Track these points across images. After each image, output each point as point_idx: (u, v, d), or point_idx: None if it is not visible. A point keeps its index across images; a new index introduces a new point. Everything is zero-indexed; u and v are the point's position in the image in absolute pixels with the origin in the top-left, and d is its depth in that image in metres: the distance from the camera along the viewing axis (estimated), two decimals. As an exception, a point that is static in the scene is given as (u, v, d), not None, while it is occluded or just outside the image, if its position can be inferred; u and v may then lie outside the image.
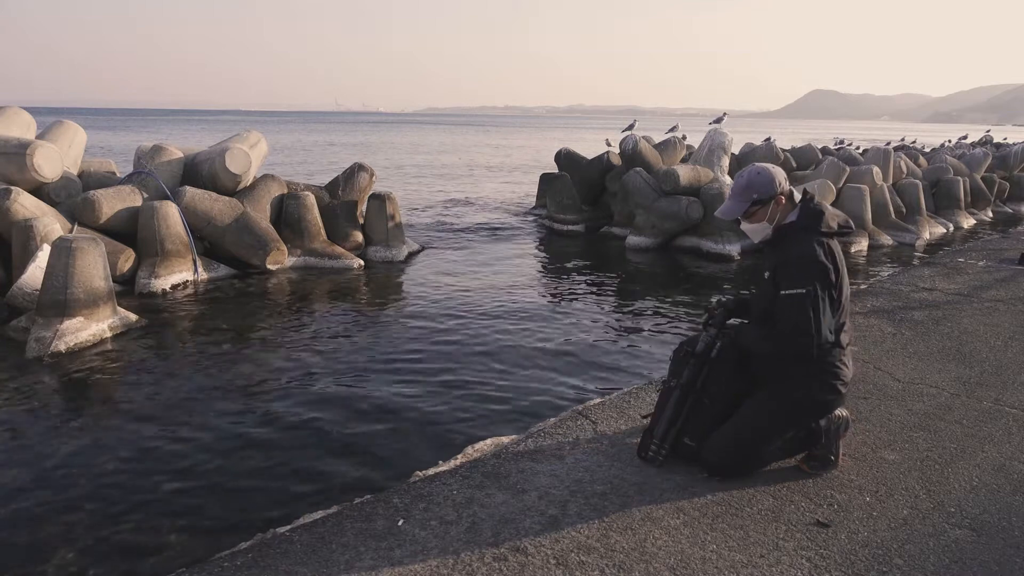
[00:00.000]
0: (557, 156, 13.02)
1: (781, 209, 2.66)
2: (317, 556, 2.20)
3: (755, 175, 2.67)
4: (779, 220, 2.67)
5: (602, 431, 3.09)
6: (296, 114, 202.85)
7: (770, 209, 2.66)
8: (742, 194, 2.68)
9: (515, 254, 9.50)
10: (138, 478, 3.40)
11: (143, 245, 6.83)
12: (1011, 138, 23.89)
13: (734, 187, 2.73)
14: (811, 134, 56.46)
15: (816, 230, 2.57)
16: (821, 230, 2.57)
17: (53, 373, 4.69)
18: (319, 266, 7.87)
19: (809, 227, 2.59)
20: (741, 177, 2.70)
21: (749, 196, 2.66)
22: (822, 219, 2.59)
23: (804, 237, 2.57)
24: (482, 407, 4.32)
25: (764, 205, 2.65)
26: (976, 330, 4.77)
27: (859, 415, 3.26)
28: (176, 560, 2.75)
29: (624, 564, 2.17)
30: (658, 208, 9.69)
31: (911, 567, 2.20)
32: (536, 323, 6.17)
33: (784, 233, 2.65)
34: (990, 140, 23.07)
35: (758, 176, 2.66)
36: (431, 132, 65.27)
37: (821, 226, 2.58)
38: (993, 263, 7.35)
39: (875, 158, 11.96)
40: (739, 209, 2.69)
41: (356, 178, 9.18)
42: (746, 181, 2.67)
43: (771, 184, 2.64)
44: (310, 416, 4.13)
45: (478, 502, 2.50)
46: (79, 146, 7.99)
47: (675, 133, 12.76)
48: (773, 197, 2.64)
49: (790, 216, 2.66)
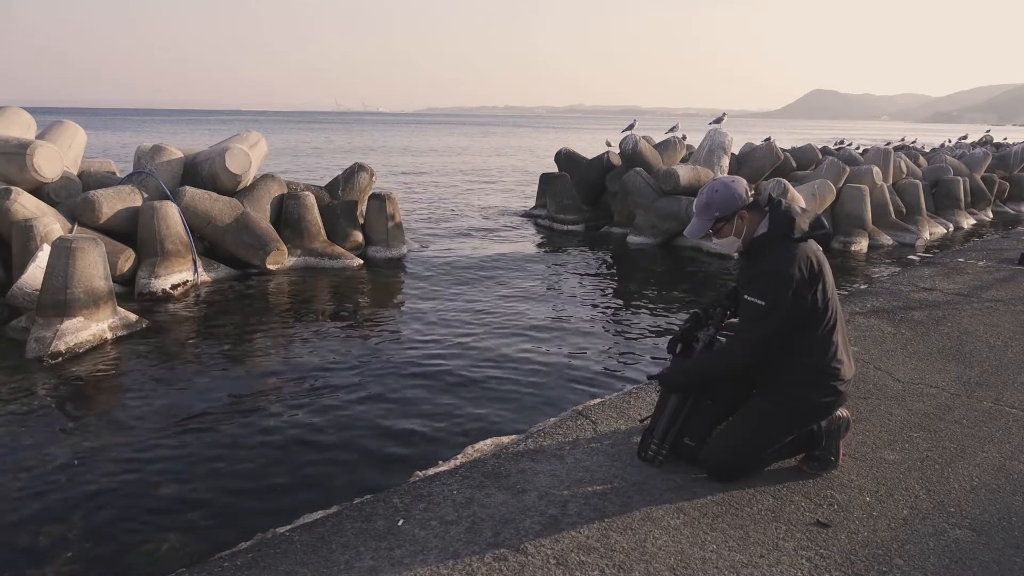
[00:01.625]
0: (557, 156, 13.02)
1: (748, 222, 2.63)
2: (317, 556, 2.20)
3: (713, 193, 2.64)
4: (749, 233, 2.64)
5: (602, 431, 3.09)
6: (296, 114, 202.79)
7: (735, 224, 2.63)
8: (704, 212, 2.66)
9: (515, 254, 9.50)
10: (138, 478, 3.40)
11: (143, 245, 6.83)
12: (1011, 138, 23.89)
13: (696, 205, 2.72)
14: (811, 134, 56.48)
15: (789, 238, 2.54)
16: (794, 237, 2.54)
17: (53, 373, 4.69)
18: (319, 266, 7.87)
19: (782, 235, 2.55)
20: (701, 195, 2.68)
21: (711, 214, 2.64)
22: (793, 225, 2.55)
23: (778, 247, 2.54)
24: (482, 407, 4.32)
25: (728, 221, 2.64)
26: (976, 330, 4.77)
27: (859, 415, 3.26)
28: (176, 560, 2.75)
29: (624, 564, 2.17)
30: (658, 208, 9.70)
31: (911, 567, 2.20)
32: (536, 323, 6.17)
33: (757, 246, 2.61)
34: (990, 140, 23.08)
35: (716, 194, 2.64)
36: (431, 132, 65.27)
37: (793, 233, 2.54)
38: (993, 263, 7.35)
39: (875, 158, 11.96)
40: (703, 227, 2.68)
41: (356, 178, 9.18)
42: (706, 199, 2.66)
43: (731, 200, 2.61)
44: (310, 416, 4.13)
45: (478, 502, 2.50)
46: (79, 146, 7.99)
47: (675, 133, 12.77)
48: (735, 212, 2.61)
49: (761, 227, 2.62)
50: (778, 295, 2.47)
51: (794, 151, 13.45)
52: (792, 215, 2.57)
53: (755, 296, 2.51)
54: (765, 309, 2.48)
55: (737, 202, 2.61)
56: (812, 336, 2.57)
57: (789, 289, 2.47)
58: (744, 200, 2.62)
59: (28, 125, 7.63)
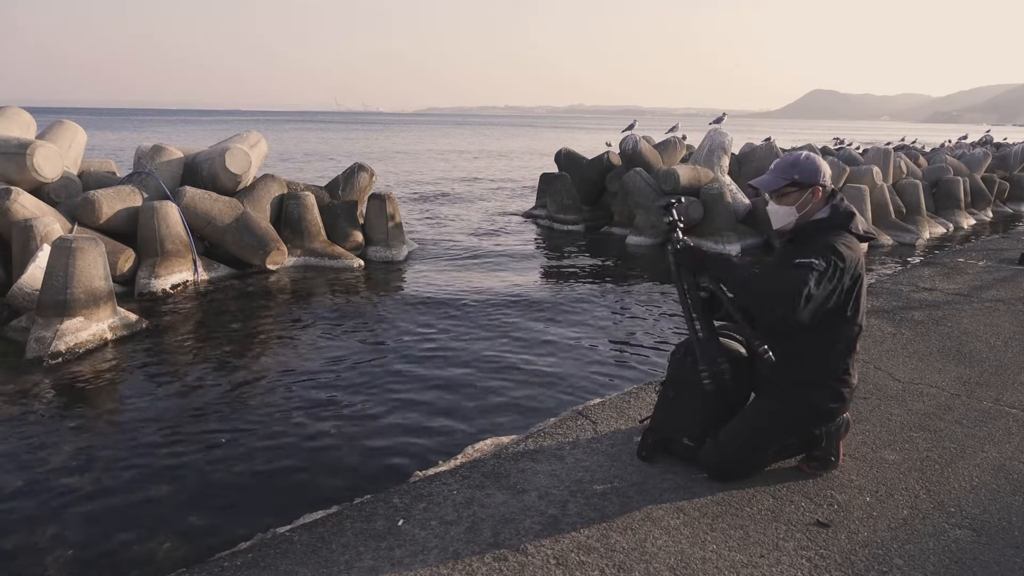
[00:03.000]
0: (557, 156, 13.02)
1: (814, 202, 2.57)
2: (317, 556, 2.19)
3: (804, 158, 2.59)
4: (807, 213, 2.58)
5: (602, 431, 3.09)
6: (296, 114, 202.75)
7: (804, 196, 2.56)
8: (785, 170, 2.59)
9: (515, 254, 9.50)
10: (138, 478, 3.40)
11: (143, 245, 6.83)
12: (1011, 138, 23.89)
13: (778, 162, 2.64)
14: (811, 134, 56.45)
15: (846, 228, 2.50)
16: (851, 230, 2.50)
17: (53, 373, 4.69)
18: (319, 266, 7.87)
19: (839, 226, 2.51)
20: (789, 156, 2.63)
21: (791, 174, 2.57)
22: (853, 220, 2.51)
23: (834, 234, 2.48)
24: (482, 407, 4.32)
25: (801, 189, 2.56)
26: (976, 330, 4.77)
27: (859, 415, 3.26)
28: (176, 560, 2.75)
29: (624, 564, 2.17)
30: (658, 208, 9.69)
31: (911, 567, 2.19)
32: (536, 323, 6.17)
33: (811, 230, 2.54)
34: (990, 140, 23.07)
35: (807, 160, 2.59)
36: (431, 132, 65.28)
37: (851, 227, 2.50)
38: (993, 263, 7.35)
39: (875, 158, 11.96)
40: (776, 183, 2.59)
41: (356, 178, 9.18)
42: (792, 159, 2.60)
43: (816, 172, 2.56)
44: (310, 416, 4.13)
45: (478, 502, 2.50)
46: (79, 146, 7.99)
47: (675, 133, 12.77)
48: (813, 185, 2.55)
49: (819, 213, 2.57)
50: (835, 266, 2.39)
51: (794, 151, 13.46)
52: (853, 211, 2.56)
53: (810, 257, 2.38)
54: (820, 269, 2.35)
55: (818, 176, 2.56)
56: (834, 338, 2.53)
57: (844, 266, 2.40)
58: (825, 179, 2.57)
59: (28, 125, 7.63)
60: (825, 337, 2.52)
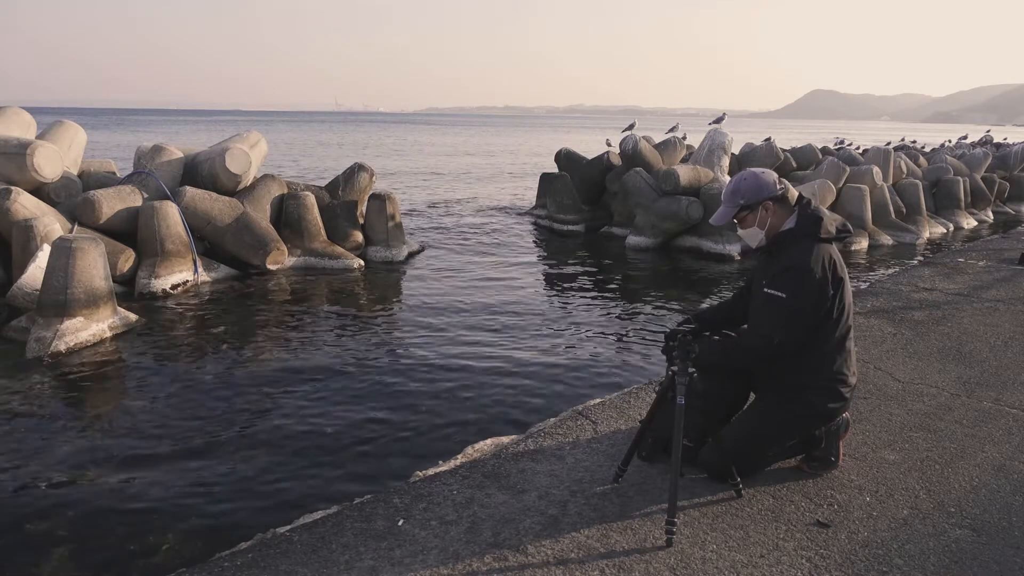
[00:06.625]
0: (557, 156, 13.01)
1: (774, 215, 2.60)
2: (317, 556, 2.20)
3: (741, 180, 2.64)
4: (773, 226, 2.61)
5: (602, 431, 3.09)
6: (296, 114, 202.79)
7: (759, 215, 2.61)
8: (730, 199, 2.65)
9: (515, 254, 9.50)
10: (137, 478, 3.40)
11: (143, 245, 6.83)
12: (1011, 138, 23.87)
13: (724, 192, 2.71)
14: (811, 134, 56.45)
15: (815, 236, 2.53)
16: (820, 236, 2.53)
17: (53, 373, 4.69)
18: (319, 266, 7.87)
19: (808, 234, 2.54)
20: (730, 183, 2.68)
21: (736, 201, 2.63)
22: (821, 225, 2.54)
23: (803, 245, 2.52)
24: (482, 407, 4.32)
25: (752, 211, 2.61)
26: (976, 330, 4.77)
27: (859, 415, 3.26)
28: (176, 560, 2.75)
29: (624, 564, 2.17)
30: (658, 208, 9.69)
31: (911, 567, 2.19)
32: (536, 323, 6.17)
33: (781, 241, 2.59)
34: (990, 140, 23.04)
35: (743, 181, 2.63)
36: (431, 132, 65.26)
37: (820, 232, 2.53)
38: (993, 263, 7.35)
39: (875, 158, 11.96)
40: (728, 215, 2.67)
41: (356, 178, 9.18)
42: (733, 186, 2.65)
43: (758, 190, 2.59)
44: (310, 416, 4.13)
45: (478, 502, 2.50)
46: (79, 146, 7.99)
47: (675, 133, 12.75)
48: (760, 203, 2.59)
49: (787, 223, 2.60)
50: (801, 290, 2.45)
51: (794, 151, 13.44)
52: (820, 215, 2.58)
53: (776, 288, 2.47)
54: (786, 302, 2.45)
55: (763, 192, 2.59)
56: (826, 340, 2.55)
57: (812, 286, 2.46)
58: (772, 191, 2.59)
59: (28, 125, 7.63)
60: (818, 338, 2.55)
